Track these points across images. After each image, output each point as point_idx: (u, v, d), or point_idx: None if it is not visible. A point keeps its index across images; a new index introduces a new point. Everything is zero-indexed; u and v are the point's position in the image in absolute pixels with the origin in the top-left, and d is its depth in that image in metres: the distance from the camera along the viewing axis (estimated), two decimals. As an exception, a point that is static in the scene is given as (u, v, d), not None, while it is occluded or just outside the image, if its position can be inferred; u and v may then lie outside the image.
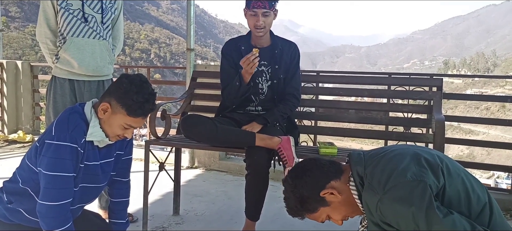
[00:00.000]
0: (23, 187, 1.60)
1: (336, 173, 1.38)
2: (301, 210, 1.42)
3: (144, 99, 1.55)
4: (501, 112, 61.89)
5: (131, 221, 2.52)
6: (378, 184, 1.23)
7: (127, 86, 1.55)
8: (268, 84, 2.38)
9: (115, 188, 1.87)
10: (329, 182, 1.37)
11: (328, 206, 1.39)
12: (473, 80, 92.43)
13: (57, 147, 1.49)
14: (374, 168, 1.28)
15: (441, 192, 1.19)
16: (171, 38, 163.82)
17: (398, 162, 1.24)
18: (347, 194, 1.36)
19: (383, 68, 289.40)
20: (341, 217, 1.42)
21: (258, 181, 2.09)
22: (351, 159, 1.37)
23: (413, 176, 1.18)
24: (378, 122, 2.74)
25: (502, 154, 42.73)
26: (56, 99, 2.37)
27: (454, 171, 1.24)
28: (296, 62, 2.41)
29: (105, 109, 1.57)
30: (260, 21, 2.22)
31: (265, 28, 2.27)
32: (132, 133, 1.66)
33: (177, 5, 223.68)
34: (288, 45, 2.41)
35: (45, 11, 2.33)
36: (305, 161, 1.45)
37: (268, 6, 2.20)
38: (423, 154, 1.27)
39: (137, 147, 4.17)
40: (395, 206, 1.18)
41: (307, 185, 1.38)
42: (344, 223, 1.46)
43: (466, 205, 1.20)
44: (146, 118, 1.62)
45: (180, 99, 2.84)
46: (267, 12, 2.21)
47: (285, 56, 2.37)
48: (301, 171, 1.41)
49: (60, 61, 2.36)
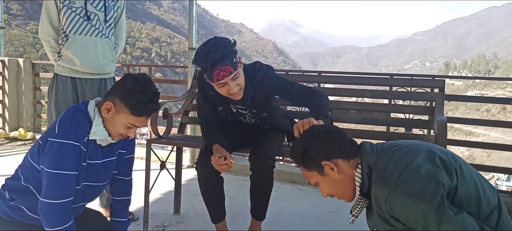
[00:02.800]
0: (25, 185, 1.60)
1: (350, 154, 1.37)
2: (300, 159, 1.42)
3: (148, 99, 1.55)
4: (502, 114, 61.86)
5: (132, 219, 2.51)
6: (390, 177, 1.22)
7: (131, 85, 1.54)
8: (254, 120, 2.19)
9: (117, 187, 1.87)
10: (336, 158, 1.36)
11: (321, 175, 1.38)
12: (474, 82, 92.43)
13: (60, 145, 1.49)
14: (387, 161, 1.28)
15: (452, 192, 1.19)
16: (172, 37, 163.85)
17: (412, 157, 1.24)
18: (346, 177, 1.36)
19: (384, 69, 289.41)
20: (328, 192, 1.42)
21: (264, 181, 2.09)
22: (363, 148, 1.36)
23: (426, 173, 1.18)
24: (380, 123, 2.73)
25: (502, 156, 42.67)
26: (58, 97, 2.37)
27: (467, 172, 1.24)
28: (277, 85, 2.04)
29: (108, 108, 1.58)
30: (233, 88, 1.88)
31: (241, 88, 1.96)
32: (134, 132, 1.66)
33: (178, 4, 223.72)
34: (259, 80, 2.02)
35: (48, 9, 2.33)
36: (334, 128, 1.44)
37: (232, 68, 1.84)
38: (437, 152, 1.26)
39: (139, 145, 4.17)
40: (406, 200, 1.17)
41: (318, 147, 1.37)
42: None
43: (475, 207, 1.20)
44: (149, 117, 1.62)
45: (182, 98, 2.84)
46: (236, 74, 1.87)
47: (259, 95, 2.04)
48: (322, 131, 1.40)
49: (62, 59, 2.36)
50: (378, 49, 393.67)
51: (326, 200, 3.17)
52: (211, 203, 2.18)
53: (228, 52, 1.83)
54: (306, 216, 2.81)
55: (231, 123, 2.26)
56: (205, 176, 2.10)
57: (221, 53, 1.81)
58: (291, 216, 2.80)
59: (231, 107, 2.17)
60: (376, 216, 1.32)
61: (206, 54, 1.82)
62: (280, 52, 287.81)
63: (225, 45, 1.84)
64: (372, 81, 3.01)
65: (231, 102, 2.12)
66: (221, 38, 1.90)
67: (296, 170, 3.74)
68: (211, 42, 1.87)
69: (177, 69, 73.40)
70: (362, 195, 1.36)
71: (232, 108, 2.17)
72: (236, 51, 1.88)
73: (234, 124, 2.25)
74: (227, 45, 1.84)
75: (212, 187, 2.14)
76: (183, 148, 3.00)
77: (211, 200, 2.17)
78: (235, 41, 1.93)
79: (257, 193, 2.15)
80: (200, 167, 2.10)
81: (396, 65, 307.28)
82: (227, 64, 1.83)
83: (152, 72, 4.71)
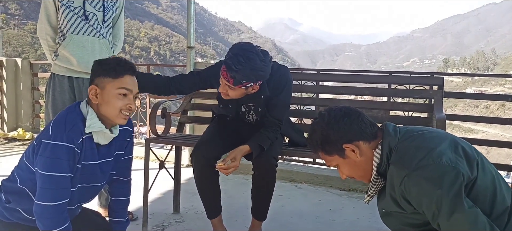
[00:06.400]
0: (20, 187, 1.59)
1: (370, 135, 1.35)
2: (319, 146, 1.40)
3: (117, 60, 1.64)
4: (501, 111, 61.97)
5: (131, 219, 2.51)
6: (410, 159, 1.22)
7: (98, 63, 1.65)
8: (255, 119, 2.21)
9: (115, 187, 1.86)
10: (358, 140, 1.34)
11: (343, 158, 1.37)
12: (473, 79, 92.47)
13: (53, 146, 1.48)
14: (409, 143, 1.27)
15: (471, 184, 1.19)
16: (171, 36, 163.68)
17: (436, 143, 1.23)
18: (366, 159, 1.35)
19: (383, 66, 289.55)
20: (348, 174, 1.41)
21: (266, 181, 2.09)
22: (385, 129, 1.35)
23: (448, 161, 1.17)
24: (379, 121, 2.69)
25: (501, 152, 42.77)
26: (55, 97, 2.37)
27: (487, 168, 1.24)
28: (282, 89, 2.08)
29: (94, 92, 1.59)
30: (223, 88, 1.96)
31: (229, 97, 2.00)
32: (133, 101, 1.64)
33: (176, 3, 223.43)
34: (276, 86, 2.07)
35: (46, 7, 2.33)
36: (350, 109, 1.40)
37: (233, 83, 1.90)
38: (461, 143, 1.26)
39: (137, 145, 4.16)
40: (423, 184, 1.17)
41: (338, 131, 1.35)
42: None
43: (490, 203, 1.20)
44: (133, 76, 1.65)
45: (180, 97, 2.83)
46: (231, 87, 1.92)
47: (273, 92, 2.08)
48: (341, 115, 1.37)
49: (59, 58, 2.35)
50: (377, 46, 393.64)
51: (325, 199, 3.17)
52: (206, 196, 2.18)
53: (246, 73, 1.86)
54: (305, 214, 2.80)
55: (229, 121, 2.26)
56: (200, 170, 2.10)
57: (241, 66, 1.84)
58: (291, 214, 2.79)
59: (241, 106, 2.17)
60: (388, 197, 1.31)
61: (236, 55, 1.86)
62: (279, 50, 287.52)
63: (252, 69, 1.86)
64: (371, 79, 3.01)
65: (242, 101, 2.12)
66: (263, 63, 1.90)
67: (296, 169, 3.74)
68: (251, 55, 1.87)
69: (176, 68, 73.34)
70: (379, 175, 1.35)
71: (242, 107, 2.18)
72: (255, 79, 1.90)
73: (233, 122, 2.25)
74: (254, 69, 1.86)
75: (207, 180, 2.14)
76: (182, 147, 2.99)
77: (206, 193, 2.18)
78: (268, 71, 1.94)
79: (259, 193, 2.15)
80: (195, 161, 2.10)
81: (395, 62, 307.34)
82: (233, 77, 1.87)
83: (150, 72, 4.69)
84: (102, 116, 1.60)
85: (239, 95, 1.98)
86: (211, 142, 2.13)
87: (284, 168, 3.71)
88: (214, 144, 2.11)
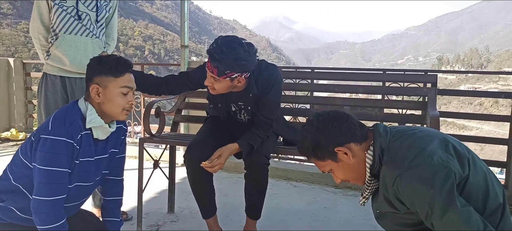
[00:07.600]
0: (15, 184, 1.58)
1: (361, 137, 1.36)
2: (310, 152, 1.40)
3: (116, 58, 1.65)
4: (494, 107, 62.39)
5: (125, 219, 2.50)
6: (402, 159, 1.22)
7: (97, 60, 1.65)
8: (247, 118, 2.20)
9: (108, 187, 1.86)
10: (349, 142, 1.34)
11: (336, 162, 1.37)
12: (467, 76, 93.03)
13: (53, 141, 1.49)
14: (400, 144, 1.27)
15: (463, 182, 1.19)
16: (165, 35, 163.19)
17: (426, 143, 1.23)
18: (359, 161, 1.35)
19: (377, 64, 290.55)
20: (342, 177, 1.41)
21: (259, 180, 2.08)
22: (376, 130, 1.35)
23: (439, 160, 1.17)
24: (373, 118, 2.73)
25: (495, 149, 42.94)
26: (48, 96, 2.35)
27: (478, 165, 1.24)
28: (270, 96, 2.05)
29: (96, 91, 1.60)
30: (209, 82, 1.95)
31: (216, 90, 1.98)
32: (133, 97, 1.68)
33: (171, 1, 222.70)
34: (266, 84, 2.05)
35: (39, 7, 2.32)
36: (338, 112, 1.40)
37: (216, 73, 1.88)
38: (451, 141, 1.27)
39: (131, 144, 4.15)
40: (415, 183, 1.17)
41: (328, 135, 1.34)
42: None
43: (483, 201, 1.20)
44: (131, 73, 1.68)
45: (175, 96, 2.82)
46: (215, 78, 1.91)
47: (262, 91, 2.06)
48: (330, 119, 1.37)
49: (51, 58, 2.34)
50: (371, 44, 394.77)
51: (320, 197, 3.17)
52: (200, 196, 2.17)
53: (229, 63, 1.85)
54: (300, 212, 2.81)
55: (223, 120, 2.25)
56: (193, 169, 2.09)
57: (224, 56, 1.84)
58: (286, 213, 2.79)
59: (231, 106, 2.16)
60: (381, 198, 1.32)
61: (219, 46, 1.86)
62: (274, 49, 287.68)
63: (235, 58, 1.85)
64: (365, 77, 3.01)
65: (232, 100, 2.11)
66: (247, 53, 1.89)
67: (291, 167, 3.74)
68: (234, 44, 1.86)
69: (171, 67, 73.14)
70: (372, 176, 1.35)
71: (232, 106, 2.17)
72: (239, 69, 1.88)
73: (226, 121, 2.24)
74: (237, 58, 1.86)
75: (201, 180, 2.13)
76: (177, 147, 2.98)
77: (201, 193, 2.17)
78: (253, 62, 1.93)
79: (252, 192, 2.14)
80: (188, 160, 2.09)
81: (389, 60, 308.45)
82: (216, 66, 1.86)
83: (145, 71, 4.67)
84: (103, 112, 1.63)
85: (225, 88, 1.96)
86: (204, 141, 2.13)
87: (279, 166, 3.71)
88: (207, 144, 2.10)
